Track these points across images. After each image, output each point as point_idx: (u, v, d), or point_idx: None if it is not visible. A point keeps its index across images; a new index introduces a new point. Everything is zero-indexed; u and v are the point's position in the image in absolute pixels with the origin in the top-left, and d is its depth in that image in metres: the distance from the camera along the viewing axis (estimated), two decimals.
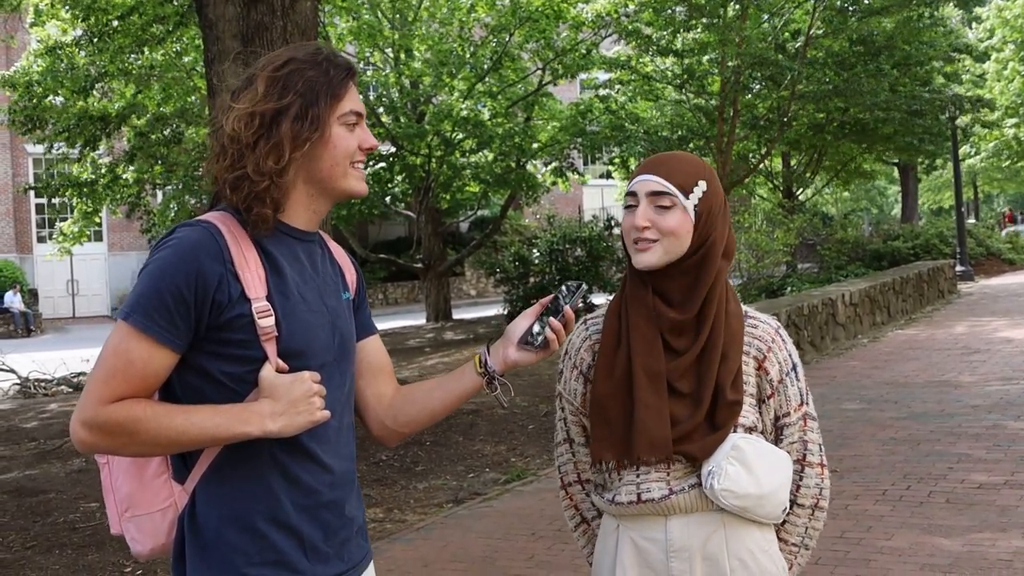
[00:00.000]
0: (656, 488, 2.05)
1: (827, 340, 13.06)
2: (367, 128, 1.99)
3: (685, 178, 2.08)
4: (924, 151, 25.90)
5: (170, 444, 1.79)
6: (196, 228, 1.83)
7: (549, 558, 5.31)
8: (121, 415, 1.75)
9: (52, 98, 16.05)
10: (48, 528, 6.55)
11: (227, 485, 1.85)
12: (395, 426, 2.12)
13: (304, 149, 1.87)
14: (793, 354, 2.17)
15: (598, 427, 2.11)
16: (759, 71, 18.44)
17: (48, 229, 31.13)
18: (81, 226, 18.44)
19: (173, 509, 1.88)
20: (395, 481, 7.35)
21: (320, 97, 1.88)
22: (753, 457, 2.03)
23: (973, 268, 23.97)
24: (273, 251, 1.89)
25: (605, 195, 38.12)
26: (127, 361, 1.76)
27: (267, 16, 7.67)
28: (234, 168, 1.86)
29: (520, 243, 19.28)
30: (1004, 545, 4.94)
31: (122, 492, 1.91)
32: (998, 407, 8.31)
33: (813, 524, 2.15)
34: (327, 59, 1.93)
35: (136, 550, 1.93)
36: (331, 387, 1.93)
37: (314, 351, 1.90)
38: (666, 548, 2.06)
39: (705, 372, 2.05)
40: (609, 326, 2.14)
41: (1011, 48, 33.28)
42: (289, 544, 1.86)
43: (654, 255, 2.06)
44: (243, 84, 1.93)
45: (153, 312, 1.76)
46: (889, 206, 58.50)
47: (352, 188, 1.97)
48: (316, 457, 1.90)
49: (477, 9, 18.48)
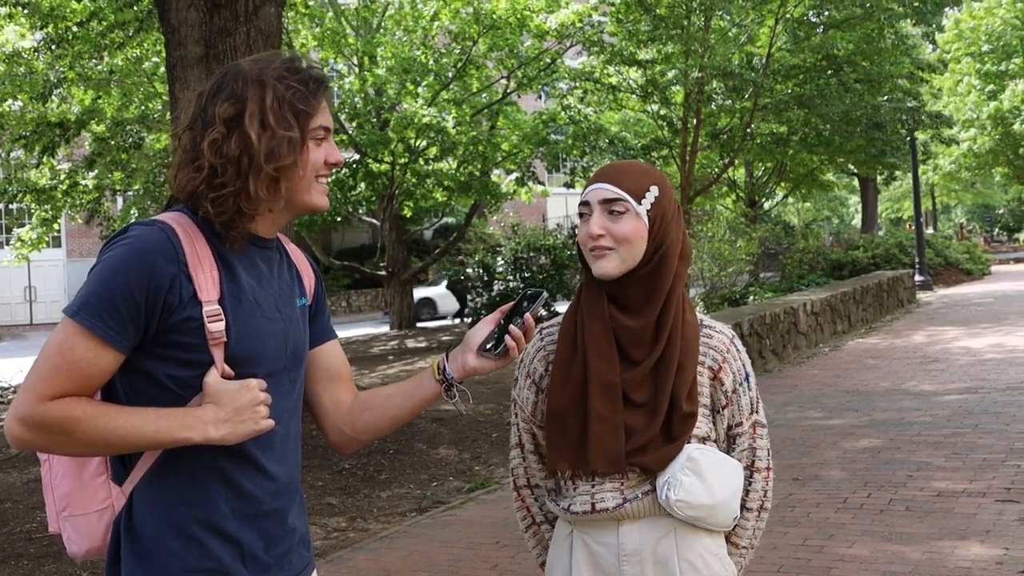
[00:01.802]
0: (610, 498, 2.07)
1: (789, 348, 13.16)
2: (333, 142, 1.96)
3: (636, 184, 2.09)
4: (885, 164, 26.21)
5: (108, 446, 1.75)
6: (152, 228, 1.79)
7: (513, 567, 5.30)
8: (60, 414, 1.70)
9: (10, 103, 15.86)
10: (4, 538, 6.44)
11: (166, 489, 1.81)
12: (353, 433, 2.09)
13: (289, 162, 1.85)
14: (746, 363, 2.19)
15: (553, 438, 2.11)
16: (722, 82, 18.59)
17: (5, 235, 30.72)
18: (39, 232, 18.23)
19: (110, 511, 1.84)
20: (358, 490, 7.30)
21: (300, 114, 1.86)
22: (707, 468, 2.05)
23: (932, 278, 24.27)
24: (229, 255, 1.86)
25: (569, 203, 38.22)
26: (71, 359, 1.72)
27: (230, 22, 7.62)
28: (213, 185, 1.81)
29: (484, 251, 19.28)
30: (963, 552, 4.99)
31: (60, 490, 1.87)
32: (957, 415, 8.40)
33: (758, 525, 2.20)
34: (305, 71, 1.91)
35: (71, 550, 1.89)
36: (279, 395, 1.90)
37: (263, 358, 1.87)
38: (618, 552, 2.08)
39: (661, 383, 2.06)
40: (565, 335, 2.14)
41: (967, 61, 33.81)
42: (227, 552, 1.83)
43: (611, 263, 2.06)
44: (219, 92, 1.87)
45: (102, 312, 1.72)
46: (850, 216, 59.15)
47: (314, 202, 1.94)
48: (259, 464, 1.87)
49: (440, 17, 18.48)
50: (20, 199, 17.67)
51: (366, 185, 19.45)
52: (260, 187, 1.82)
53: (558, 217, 33.42)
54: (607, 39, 18.51)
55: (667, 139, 20.52)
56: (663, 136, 20.66)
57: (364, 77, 18.84)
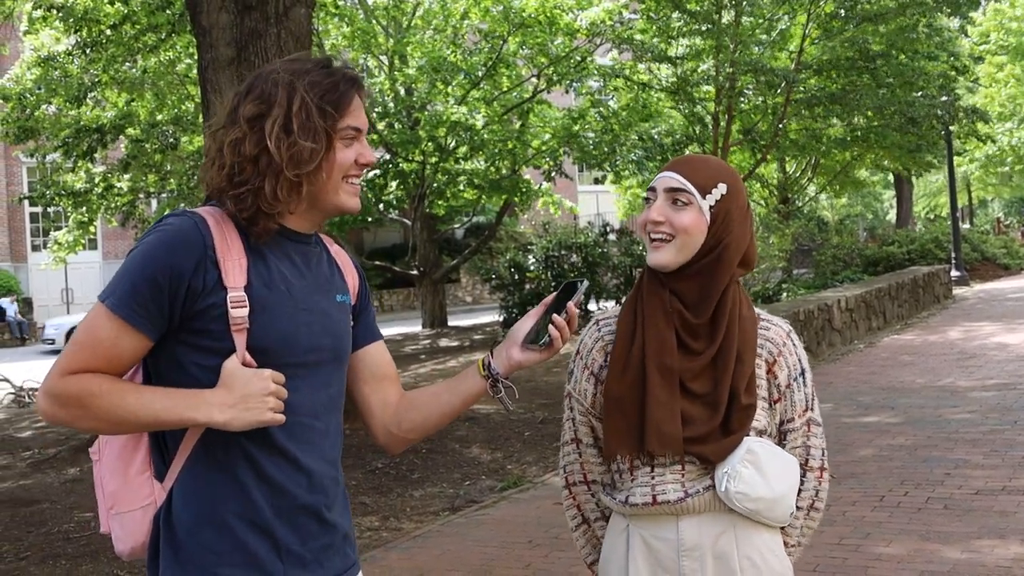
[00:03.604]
0: (672, 490, 2.06)
1: (823, 346, 13.05)
2: (366, 142, 1.96)
3: (705, 179, 2.09)
4: (920, 161, 25.94)
5: (121, 422, 1.78)
6: (182, 217, 1.83)
7: (546, 566, 5.28)
8: (75, 387, 1.75)
9: (45, 107, 16.05)
10: (42, 538, 6.51)
11: (201, 483, 1.83)
12: (400, 432, 2.10)
13: (311, 169, 1.85)
14: (803, 359, 2.17)
15: (611, 423, 2.11)
16: (754, 77, 18.46)
17: (43, 238, 31.12)
18: (76, 235, 18.43)
19: (153, 507, 1.86)
20: (391, 489, 7.32)
21: (328, 115, 1.86)
22: (766, 461, 2.04)
23: (968, 273, 24.00)
24: (261, 246, 1.87)
25: (600, 201, 38.12)
26: (95, 338, 1.77)
27: (261, 23, 7.66)
28: (234, 182, 1.84)
29: (516, 249, 19.26)
30: (1002, 552, 4.92)
31: (109, 488, 1.90)
32: (995, 412, 8.29)
33: (808, 524, 2.19)
34: (338, 72, 1.91)
35: (119, 548, 1.91)
36: (312, 388, 1.90)
37: (294, 348, 1.87)
38: (678, 547, 2.07)
39: (721, 375, 2.05)
40: (623, 323, 2.14)
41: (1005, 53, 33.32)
42: (262, 546, 1.84)
43: (667, 254, 2.07)
44: (250, 93, 1.89)
45: (126, 295, 1.77)
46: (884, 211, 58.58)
47: (343, 204, 1.94)
48: (292, 457, 1.86)
49: (470, 15, 18.47)
50: (56, 202, 17.88)
51: (397, 184, 19.50)
52: (280, 189, 1.83)
53: (589, 215, 33.37)
54: (637, 37, 18.42)
55: (698, 136, 20.40)
56: (694, 133, 20.55)
57: (394, 76, 18.88)
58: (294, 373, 1.86)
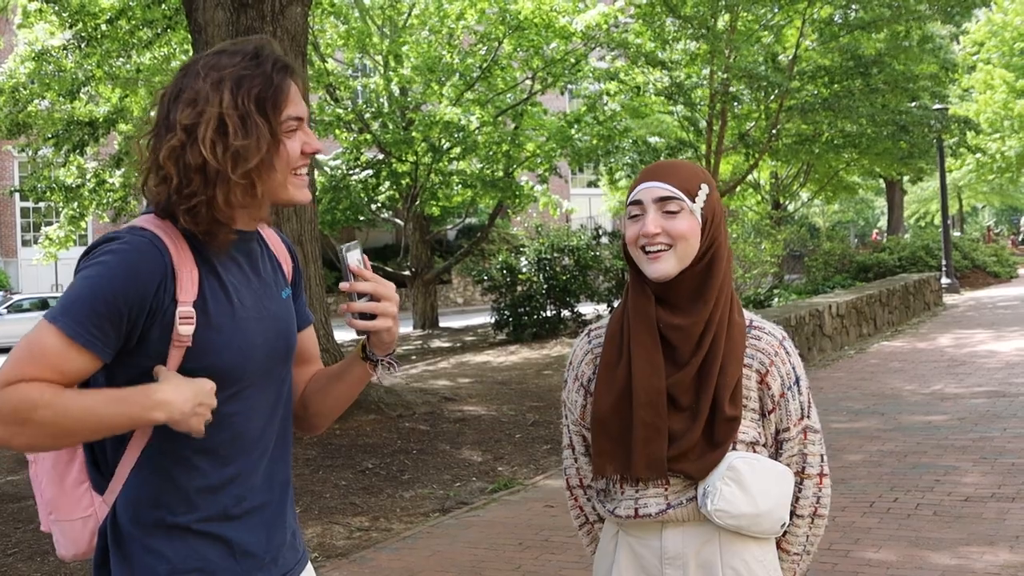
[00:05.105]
0: (653, 503, 2.08)
1: (814, 351, 13.08)
2: (308, 130, 1.86)
3: (688, 183, 2.09)
4: (912, 168, 26.01)
5: (67, 433, 1.66)
6: (139, 238, 1.73)
7: (536, 568, 5.28)
8: (16, 396, 1.61)
9: (38, 102, 15.99)
10: (30, 535, 6.48)
11: (146, 493, 1.79)
12: (306, 416, 2.07)
13: (258, 167, 1.76)
14: (797, 367, 2.15)
15: (599, 442, 2.12)
16: (748, 83, 18.49)
17: (33, 232, 30.98)
18: (67, 231, 18.36)
19: (94, 519, 1.82)
20: (381, 489, 7.30)
21: (266, 111, 1.76)
22: (749, 477, 2.03)
23: (958, 280, 24.07)
24: (212, 259, 1.80)
25: (593, 204, 38.13)
26: (40, 350, 1.64)
27: (256, 22, 7.65)
28: (184, 195, 1.73)
29: (508, 251, 19.26)
30: (991, 558, 4.94)
31: (46, 495, 1.85)
32: (984, 419, 8.32)
33: (813, 532, 2.19)
34: (268, 60, 1.80)
35: (61, 553, 1.88)
36: (262, 391, 1.87)
37: (250, 360, 1.81)
38: (661, 555, 2.09)
39: (704, 385, 2.04)
40: (610, 339, 2.14)
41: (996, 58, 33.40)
42: (215, 551, 1.81)
43: (668, 263, 2.06)
44: (180, 96, 1.77)
45: (83, 318, 1.65)
46: (875, 218, 58.74)
47: (293, 197, 1.85)
48: (238, 460, 1.83)
49: (466, 16, 18.47)
50: (48, 197, 17.81)
51: (390, 185, 19.47)
52: (232, 195, 1.75)
53: (581, 218, 33.38)
54: (632, 39, 18.43)
55: (692, 141, 20.42)
56: (687, 138, 20.56)
57: (389, 76, 18.87)
58: (250, 383, 1.83)
